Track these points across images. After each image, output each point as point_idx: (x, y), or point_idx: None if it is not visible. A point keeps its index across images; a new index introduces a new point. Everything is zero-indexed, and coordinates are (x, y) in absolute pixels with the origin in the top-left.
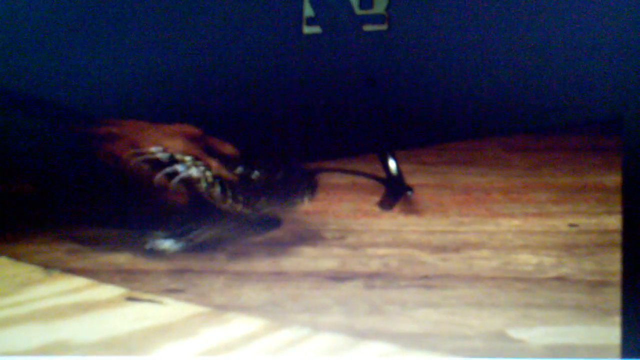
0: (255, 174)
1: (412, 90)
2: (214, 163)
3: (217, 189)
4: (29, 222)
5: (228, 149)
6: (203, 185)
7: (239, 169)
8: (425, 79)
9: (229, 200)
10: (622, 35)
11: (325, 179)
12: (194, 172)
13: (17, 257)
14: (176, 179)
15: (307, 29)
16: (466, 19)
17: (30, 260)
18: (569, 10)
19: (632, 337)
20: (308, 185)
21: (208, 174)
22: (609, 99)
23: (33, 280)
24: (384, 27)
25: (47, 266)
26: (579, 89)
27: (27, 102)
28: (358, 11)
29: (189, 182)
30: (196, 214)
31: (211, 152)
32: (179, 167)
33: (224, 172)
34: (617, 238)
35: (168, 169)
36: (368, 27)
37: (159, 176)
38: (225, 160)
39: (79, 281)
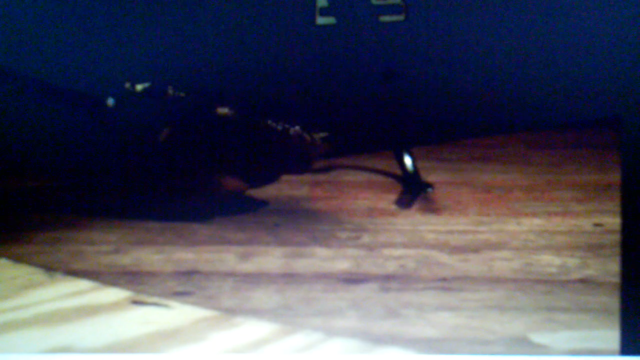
0: None
1: (430, 84)
2: None
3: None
4: (29, 221)
5: None
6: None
7: None
8: (444, 73)
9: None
10: None
11: (339, 176)
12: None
13: (17, 258)
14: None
15: (320, 20)
16: (487, 11)
17: (31, 262)
18: (591, 5)
19: (631, 335)
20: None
21: None
22: (636, 95)
23: (34, 283)
24: (401, 17)
25: (49, 268)
26: (604, 84)
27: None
28: (374, 1)
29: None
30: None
31: None
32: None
33: None
34: None
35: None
36: (385, 18)
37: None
38: None
39: (82, 284)
